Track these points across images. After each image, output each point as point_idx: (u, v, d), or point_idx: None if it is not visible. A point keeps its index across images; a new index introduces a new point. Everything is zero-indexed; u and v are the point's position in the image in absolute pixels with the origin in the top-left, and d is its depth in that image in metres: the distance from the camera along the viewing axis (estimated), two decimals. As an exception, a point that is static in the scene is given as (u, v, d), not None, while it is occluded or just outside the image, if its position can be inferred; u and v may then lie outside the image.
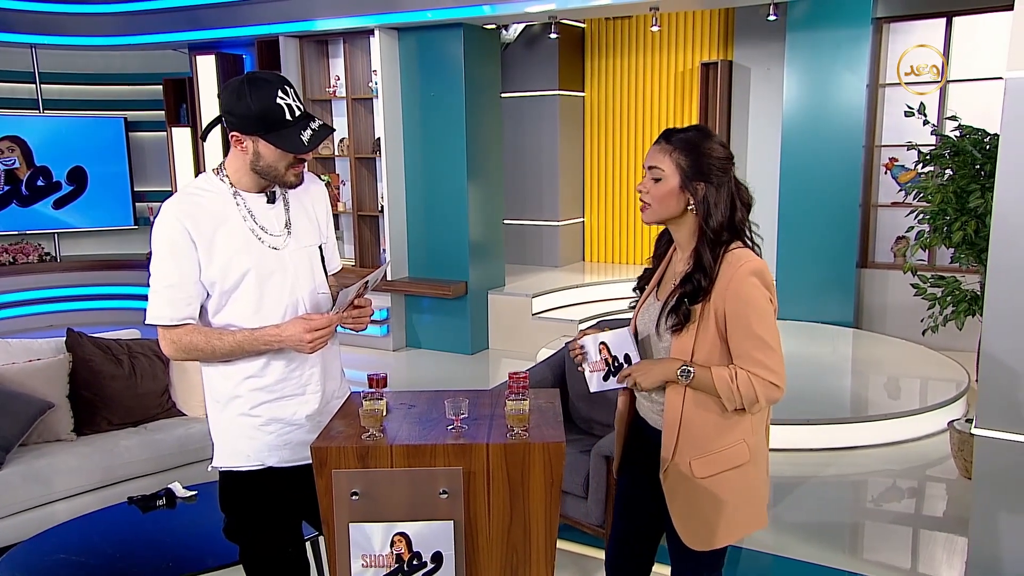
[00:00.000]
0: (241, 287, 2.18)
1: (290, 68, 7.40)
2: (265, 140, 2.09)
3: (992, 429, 3.14)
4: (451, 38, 6.83)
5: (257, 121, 2.07)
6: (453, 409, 1.95)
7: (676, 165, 2.11)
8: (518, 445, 1.88)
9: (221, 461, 2.32)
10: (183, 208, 2.15)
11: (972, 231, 4.04)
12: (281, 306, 2.22)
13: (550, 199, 8.61)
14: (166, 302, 2.17)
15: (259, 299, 2.19)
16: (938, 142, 4.32)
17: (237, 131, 2.11)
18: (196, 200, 2.18)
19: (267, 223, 2.22)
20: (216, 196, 2.19)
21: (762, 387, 2.05)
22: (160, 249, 2.16)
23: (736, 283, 2.05)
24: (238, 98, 2.07)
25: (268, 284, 2.20)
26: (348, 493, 1.87)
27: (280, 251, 2.22)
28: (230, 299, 2.19)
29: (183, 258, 2.13)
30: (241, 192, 2.21)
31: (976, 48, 6.78)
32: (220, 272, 2.16)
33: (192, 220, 2.13)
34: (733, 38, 7.94)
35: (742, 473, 2.17)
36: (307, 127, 2.11)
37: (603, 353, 2.23)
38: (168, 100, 8.32)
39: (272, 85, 2.08)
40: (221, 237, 2.15)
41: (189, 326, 2.18)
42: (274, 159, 2.13)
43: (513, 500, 1.90)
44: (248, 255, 2.17)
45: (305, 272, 2.27)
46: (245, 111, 2.07)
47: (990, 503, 3.18)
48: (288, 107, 2.08)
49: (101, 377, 4.10)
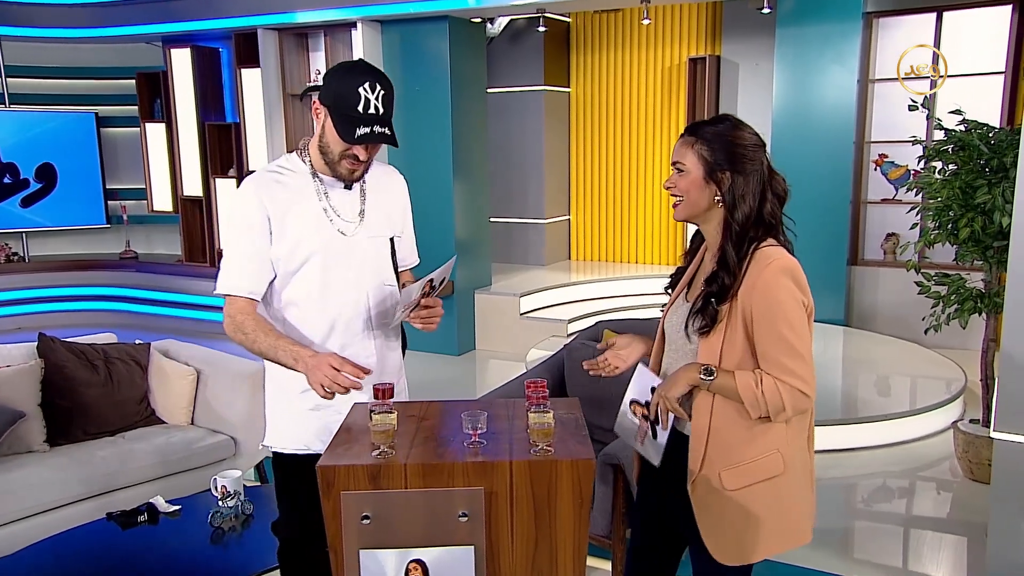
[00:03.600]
0: (305, 267, 2.19)
1: (268, 61, 7.18)
2: (331, 117, 2.12)
3: (1012, 432, 3.04)
4: (436, 31, 6.65)
5: (334, 96, 2.11)
6: (471, 423, 1.79)
7: (698, 156, 2.00)
8: (544, 462, 1.72)
9: (271, 440, 2.34)
10: (263, 183, 2.20)
11: (979, 227, 3.94)
12: (345, 292, 2.24)
13: (535, 196, 8.45)
14: (238, 273, 2.18)
15: (324, 282, 2.21)
16: (944, 136, 4.21)
17: (320, 99, 2.15)
18: (277, 177, 2.22)
19: (341, 207, 2.24)
20: (296, 176, 2.23)
21: (789, 395, 1.92)
22: (236, 221, 2.20)
23: (764, 282, 1.92)
24: (334, 73, 2.16)
25: (334, 269, 2.22)
26: (359, 517, 1.71)
27: (349, 237, 2.24)
28: (294, 279, 2.21)
29: (258, 231, 2.17)
30: (320, 175, 2.23)
31: (966, 43, 6.72)
32: (287, 250, 2.18)
33: (269, 195, 2.17)
34: (721, 33, 7.84)
35: (775, 485, 2.03)
36: (369, 126, 2.11)
37: (638, 412, 2.11)
38: (141, 95, 8.04)
39: (366, 76, 2.11)
40: (294, 215, 2.18)
41: (250, 307, 2.19)
42: (332, 139, 2.14)
43: (539, 522, 1.74)
44: (318, 236, 2.19)
45: (372, 262, 2.28)
46: (331, 84, 2.13)
47: (1010, 507, 3.08)
48: (365, 100, 2.09)
49: (76, 384, 3.90)
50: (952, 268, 5.68)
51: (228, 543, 2.94)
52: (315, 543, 2.27)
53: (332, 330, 2.24)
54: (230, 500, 3.05)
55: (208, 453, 3.90)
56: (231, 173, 7.72)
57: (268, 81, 7.20)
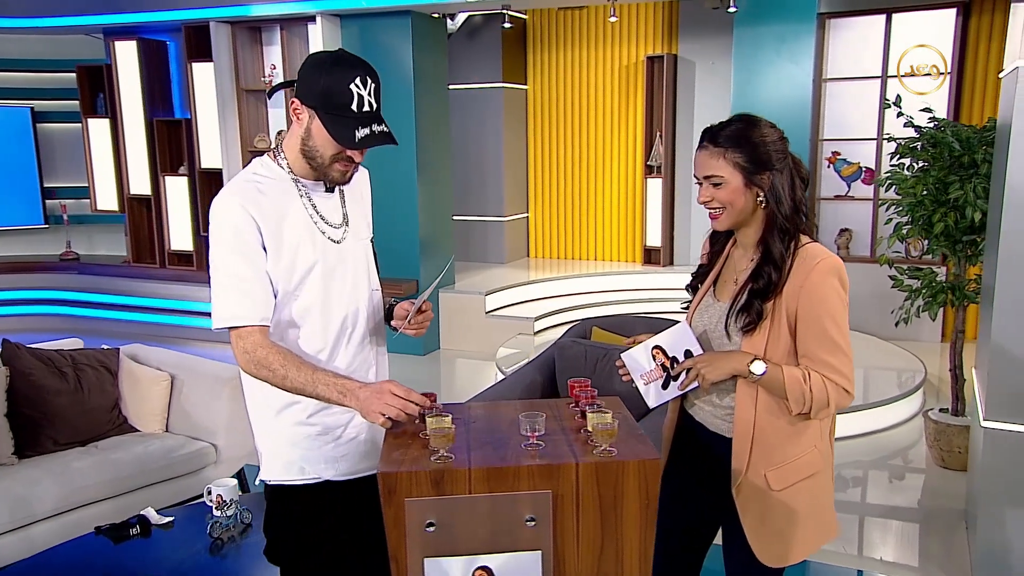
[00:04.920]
0: (306, 284, 1.97)
1: (221, 55, 6.96)
2: (320, 119, 1.90)
3: (1000, 420, 3.14)
4: (399, 26, 6.54)
5: (321, 96, 1.88)
6: (529, 425, 1.75)
7: (734, 164, 1.95)
8: (611, 463, 1.69)
9: (272, 474, 2.07)
10: (247, 195, 1.92)
11: (952, 222, 4.07)
12: (343, 304, 2.04)
13: (495, 194, 8.41)
14: (240, 299, 1.89)
15: (325, 297, 2.00)
16: (916, 133, 4.33)
17: (299, 98, 1.93)
18: (257, 187, 1.95)
19: (327, 214, 2.03)
20: (276, 183, 1.98)
21: (835, 392, 1.92)
22: (225, 240, 1.90)
23: (812, 282, 1.92)
24: (315, 67, 1.91)
25: (332, 281, 2.01)
26: (423, 524, 1.65)
27: (340, 245, 2.04)
28: (292, 298, 1.97)
29: (252, 250, 1.90)
30: (300, 179, 2.01)
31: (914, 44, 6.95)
32: (285, 270, 1.94)
33: (257, 208, 1.91)
34: (678, 32, 7.92)
35: (815, 483, 2.04)
36: (368, 126, 1.90)
37: (658, 358, 2.06)
38: (83, 89, 7.69)
39: (355, 70, 1.89)
40: (286, 230, 1.94)
41: (265, 337, 1.91)
42: (322, 143, 1.92)
43: (604, 524, 1.71)
44: (313, 248, 1.97)
45: (363, 268, 2.10)
46: (314, 81, 1.89)
47: (997, 493, 3.18)
48: (359, 97, 1.88)
49: (44, 392, 3.70)
50: (908, 262, 5.85)
51: (229, 554, 2.82)
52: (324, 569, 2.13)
53: (336, 346, 2.04)
54: (228, 509, 2.93)
55: (189, 461, 3.75)
56: (182, 171, 7.46)
57: (221, 76, 6.98)
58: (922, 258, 5.08)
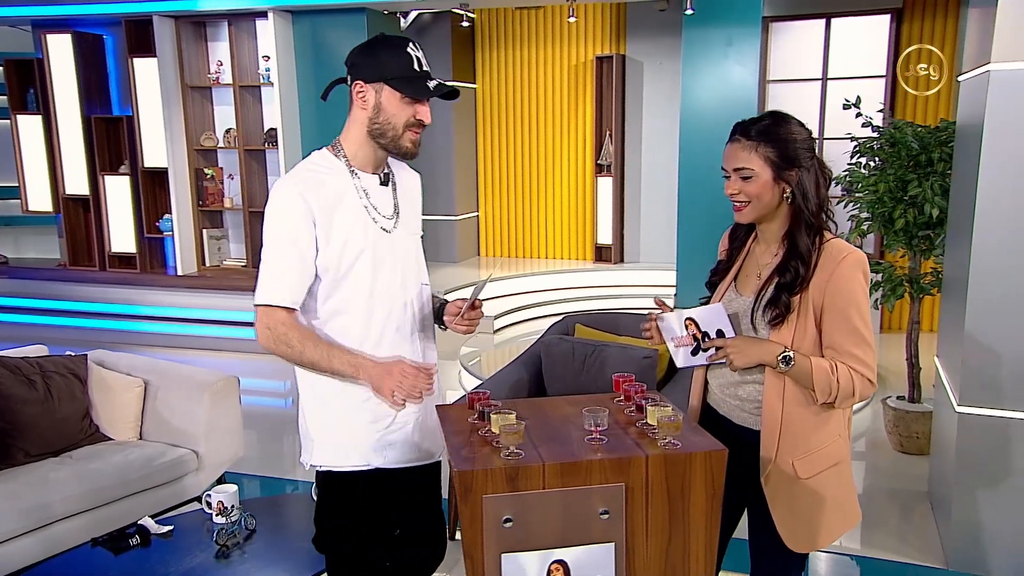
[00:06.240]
0: (355, 270, 2.06)
1: (165, 51, 6.74)
2: (390, 86, 2.01)
3: (974, 406, 3.32)
4: (354, 23, 6.47)
5: (385, 67, 2.00)
6: (592, 420, 1.78)
7: (765, 159, 2.02)
8: (679, 456, 1.73)
9: (322, 459, 2.13)
10: (307, 184, 2.03)
11: (912, 218, 4.27)
12: (393, 295, 2.11)
13: (445, 193, 8.39)
14: (279, 283, 2.01)
15: (372, 286, 2.08)
16: (875, 132, 4.53)
17: (362, 79, 2.02)
18: (316, 176, 2.06)
19: (380, 204, 2.13)
20: (334, 174, 2.08)
21: (860, 382, 2.01)
22: (280, 229, 2.02)
23: (839, 276, 1.99)
24: (369, 49, 2.04)
25: (381, 270, 2.09)
26: (500, 520, 1.66)
27: (390, 234, 2.13)
28: (341, 285, 2.06)
29: (303, 238, 2.00)
30: (357, 171, 2.11)
31: (851, 48, 7.25)
32: (335, 255, 2.03)
33: (315, 194, 2.01)
34: (626, 33, 8.05)
35: (840, 471, 2.13)
36: (433, 80, 2.05)
37: (691, 329, 2.11)
38: (11, 84, 7.32)
39: (404, 41, 2.05)
40: (339, 217, 2.04)
41: (290, 317, 2.02)
42: (394, 111, 2.02)
43: (672, 516, 1.75)
44: (364, 236, 2.07)
45: (412, 260, 2.19)
46: (374, 59, 2.02)
47: (971, 475, 3.36)
48: (417, 59, 2.03)
49: (12, 401, 3.54)
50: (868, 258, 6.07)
51: (237, 560, 2.75)
52: (372, 556, 2.18)
53: (382, 336, 2.10)
54: (232, 515, 2.86)
55: (170, 469, 3.63)
56: (123, 170, 7.18)
57: (165, 72, 6.75)
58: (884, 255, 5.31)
